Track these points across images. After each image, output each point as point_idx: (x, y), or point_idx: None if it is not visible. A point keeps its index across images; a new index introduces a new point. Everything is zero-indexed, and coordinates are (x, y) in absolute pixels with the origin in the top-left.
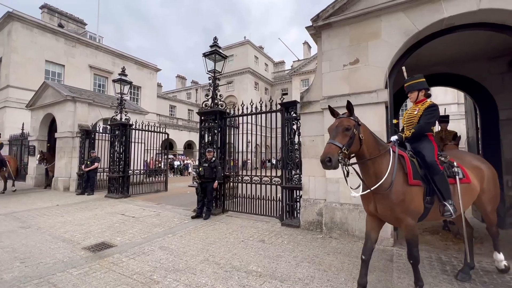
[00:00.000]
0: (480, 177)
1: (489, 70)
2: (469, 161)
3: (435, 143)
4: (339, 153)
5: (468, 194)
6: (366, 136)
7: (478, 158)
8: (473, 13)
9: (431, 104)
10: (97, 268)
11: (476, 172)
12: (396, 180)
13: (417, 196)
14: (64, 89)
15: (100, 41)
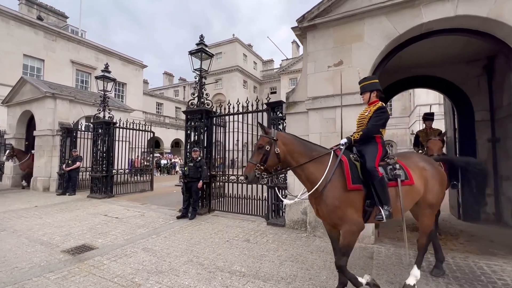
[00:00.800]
0: (424, 178)
1: (466, 73)
2: (415, 162)
3: (382, 146)
4: (255, 169)
5: (410, 195)
6: (286, 148)
7: (425, 159)
8: (450, 19)
9: (380, 106)
10: (76, 271)
11: (421, 173)
12: (332, 184)
13: (355, 201)
14: (43, 85)
15: (83, 36)
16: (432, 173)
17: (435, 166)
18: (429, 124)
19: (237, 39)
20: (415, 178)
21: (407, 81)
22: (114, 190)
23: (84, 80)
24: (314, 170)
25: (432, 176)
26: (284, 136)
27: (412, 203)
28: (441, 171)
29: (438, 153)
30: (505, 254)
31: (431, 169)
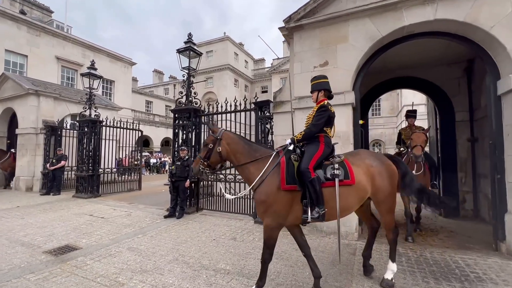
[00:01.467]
0: (371, 176)
1: (447, 75)
2: (362, 159)
3: (325, 145)
4: (201, 163)
5: (351, 195)
6: (229, 148)
7: (374, 156)
8: (430, 22)
9: (321, 105)
10: (58, 272)
11: (367, 171)
12: (265, 184)
13: (289, 200)
14: (26, 82)
15: (69, 31)
16: (379, 170)
17: (385, 162)
18: (412, 121)
19: (228, 38)
20: (358, 176)
21: (392, 82)
22: (100, 190)
23: (70, 77)
24: (254, 170)
25: (379, 173)
26: (229, 136)
27: (356, 202)
28: (391, 167)
29: (422, 144)
30: (480, 249)
31: (379, 165)
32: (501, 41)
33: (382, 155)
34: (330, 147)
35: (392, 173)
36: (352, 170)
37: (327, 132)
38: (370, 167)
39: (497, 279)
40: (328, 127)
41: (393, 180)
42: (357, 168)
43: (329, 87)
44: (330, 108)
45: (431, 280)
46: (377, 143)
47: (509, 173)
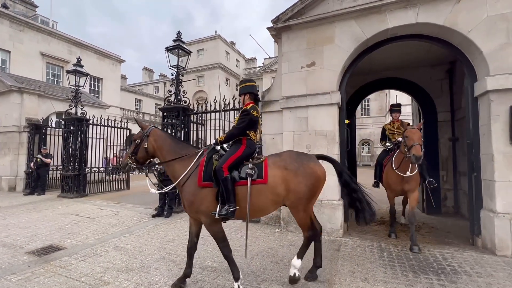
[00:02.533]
0: (285, 177)
1: (430, 76)
2: (282, 160)
3: (246, 147)
4: (129, 158)
5: (262, 194)
6: (156, 145)
7: (296, 157)
8: (412, 26)
9: (243, 109)
10: (41, 272)
11: (282, 172)
12: (190, 180)
13: (207, 197)
14: (9, 79)
15: (54, 27)
16: (295, 171)
17: (305, 163)
18: (396, 116)
19: (220, 36)
20: (272, 176)
21: (379, 83)
22: (87, 189)
23: (55, 74)
24: (179, 168)
25: (295, 175)
26: (157, 133)
27: (271, 202)
28: (311, 169)
29: (420, 142)
30: (458, 243)
31: (295, 167)
32: (477, 45)
33: (308, 156)
34: (252, 149)
35: (310, 175)
36: (267, 170)
37: (250, 135)
38: (285, 168)
39: (471, 271)
40: (251, 130)
41: (311, 182)
42: (274, 169)
43: (254, 91)
44: (252, 113)
45: (410, 273)
46: (366, 143)
47: (485, 171)
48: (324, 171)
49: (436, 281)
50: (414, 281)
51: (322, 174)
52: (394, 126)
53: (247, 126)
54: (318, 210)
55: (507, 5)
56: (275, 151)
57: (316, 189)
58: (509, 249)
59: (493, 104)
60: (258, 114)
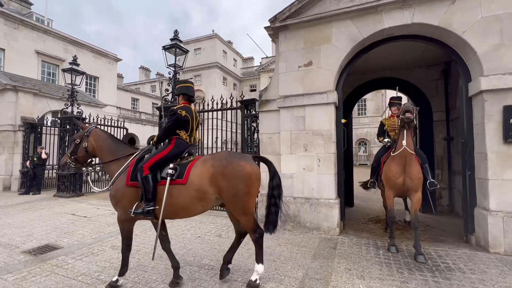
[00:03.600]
0: (211, 177)
1: (426, 76)
2: (211, 160)
3: (174, 146)
4: (68, 157)
5: (182, 194)
6: (95, 145)
7: (226, 157)
8: (408, 26)
9: (171, 109)
10: (37, 272)
11: (207, 172)
12: (118, 180)
13: (130, 195)
14: (3, 77)
15: (50, 24)
16: (222, 170)
17: (234, 163)
18: (396, 111)
19: (217, 35)
20: (194, 176)
21: (375, 83)
22: (83, 189)
23: (51, 72)
24: (114, 167)
25: (222, 174)
26: (97, 133)
27: (193, 202)
28: (240, 168)
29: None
30: (452, 241)
31: (223, 166)
32: (472, 45)
33: (241, 156)
34: (182, 148)
35: (240, 174)
36: (189, 170)
37: (181, 135)
38: (211, 167)
39: (464, 268)
40: (181, 130)
41: (241, 181)
42: (200, 168)
43: (188, 92)
44: (180, 112)
45: (405, 271)
46: (363, 142)
47: (478, 170)
48: (256, 170)
49: (431, 278)
50: (409, 278)
51: (254, 173)
52: (394, 121)
53: (174, 126)
54: (315, 208)
55: (501, 6)
56: (272, 150)
57: (248, 188)
58: (502, 247)
59: (487, 104)
60: (191, 114)
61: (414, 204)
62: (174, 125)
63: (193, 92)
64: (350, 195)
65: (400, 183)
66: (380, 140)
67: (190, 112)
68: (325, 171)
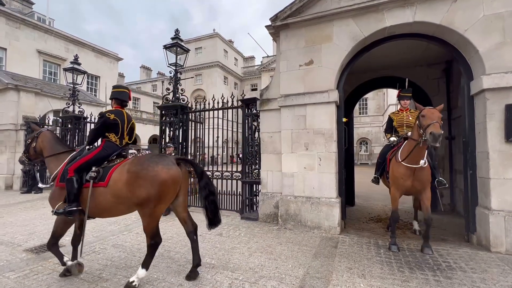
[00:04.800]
0: (127, 180)
1: (427, 75)
2: (129, 164)
3: (101, 149)
4: (23, 155)
5: (103, 196)
6: (42, 145)
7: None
8: (409, 25)
9: (99, 113)
10: (39, 270)
11: (124, 175)
12: (58, 178)
13: (60, 196)
14: (5, 76)
15: (51, 24)
16: (136, 174)
17: (149, 167)
18: (406, 104)
19: (218, 35)
20: (115, 179)
21: (377, 82)
22: None
23: (52, 72)
24: (53, 166)
25: (136, 178)
26: (45, 135)
27: (114, 203)
28: (154, 173)
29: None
30: (453, 240)
31: (138, 170)
32: (474, 44)
33: (159, 160)
34: (110, 151)
35: (152, 178)
36: (110, 174)
37: (110, 137)
38: (126, 173)
39: (466, 267)
40: (110, 133)
41: (152, 185)
42: (119, 172)
43: (119, 96)
44: (108, 115)
45: (406, 269)
46: (364, 141)
47: (480, 169)
48: (173, 174)
49: (432, 277)
50: (410, 277)
51: (169, 178)
52: (403, 116)
53: (101, 129)
54: (316, 207)
55: (503, 5)
56: (273, 149)
57: (161, 193)
58: (503, 246)
59: (489, 102)
60: (122, 117)
61: (425, 202)
62: (102, 128)
63: (127, 97)
64: (351, 194)
65: (408, 185)
66: (387, 138)
67: (120, 116)
68: (326, 170)
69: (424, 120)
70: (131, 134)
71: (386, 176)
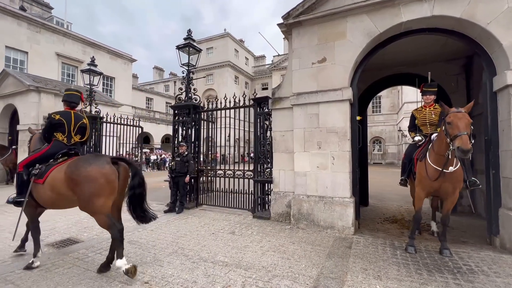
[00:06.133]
0: (65, 179)
1: (445, 71)
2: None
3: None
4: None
5: (43, 192)
6: (31, 144)
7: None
8: (427, 19)
9: (47, 114)
10: (60, 264)
11: (61, 175)
12: None
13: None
14: (27, 78)
15: (69, 27)
16: (71, 176)
17: (82, 167)
18: (429, 99)
19: (229, 34)
20: (52, 178)
21: (391, 79)
22: None
23: (70, 73)
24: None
25: (70, 177)
26: (34, 136)
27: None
28: (86, 172)
29: (466, 130)
30: (474, 243)
31: (71, 171)
32: (497, 38)
33: (93, 159)
34: (56, 149)
35: (86, 179)
36: (49, 173)
37: (57, 136)
38: (64, 173)
39: (488, 271)
40: (58, 132)
41: (87, 185)
42: (56, 173)
43: (67, 98)
44: (53, 116)
45: (424, 272)
46: (377, 140)
47: (504, 168)
48: (106, 173)
49: (452, 280)
50: (428, 279)
51: (101, 176)
52: (426, 113)
53: (49, 129)
54: (329, 207)
55: None
56: (285, 148)
57: (95, 190)
58: None
59: None
60: (68, 117)
61: (448, 204)
62: (49, 128)
63: (76, 99)
64: (364, 194)
65: (436, 186)
66: (411, 136)
67: (66, 116)
68: (339, 169)
69: (451, 129)
70: (82, 133)
71: (413, 177)
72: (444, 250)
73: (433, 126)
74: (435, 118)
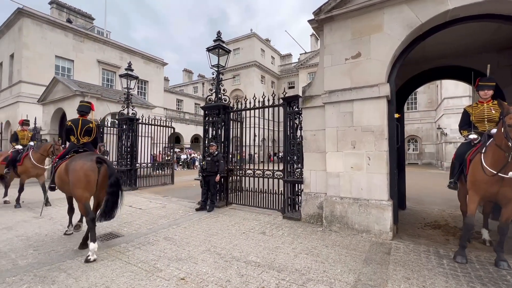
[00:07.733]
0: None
1: (497, 62)
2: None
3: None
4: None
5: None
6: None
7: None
8: (479, 4)
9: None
10: (104, 256)
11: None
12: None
13: None
14: (74, 84)
15: (108, 36)
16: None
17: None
18: (486, 95)
19: (255, 34)
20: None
21: (432, 73)
22: (137, 183)
23: (109, 78)
24: None
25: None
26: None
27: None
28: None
29: None
30: None
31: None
32: None
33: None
34: (69, 148)
35: (71, 171)
36: (60, 164)
37: (71, 139)
38: (64, 165)
39: None
40: (71, 135)
41: (72, 175)
42: (65, 164)
43: (78, 109)
44: (67, 123)
45: (478, 285)
46: (413, 139)
47: None
48: (85, 168)
49: None
50: None
51: (80, 170)
52: (484, 109)
53: (66, 133)
54: (364, 210)
55: None
56: (316, 148)
57: (75, 180)
58: None
59: None
60: (76, 124)
61: (509, 211)
62: (66, 132)
63: (86, 109)
64: (402, 196)
65: (494, 191)
66: (464, 136)
67: (75, 122)
68: (376, 170)
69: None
70: (89, 134)
71: (464, 180)
72: (501, 262)
73: (492, 123)
74: (495, 114)
